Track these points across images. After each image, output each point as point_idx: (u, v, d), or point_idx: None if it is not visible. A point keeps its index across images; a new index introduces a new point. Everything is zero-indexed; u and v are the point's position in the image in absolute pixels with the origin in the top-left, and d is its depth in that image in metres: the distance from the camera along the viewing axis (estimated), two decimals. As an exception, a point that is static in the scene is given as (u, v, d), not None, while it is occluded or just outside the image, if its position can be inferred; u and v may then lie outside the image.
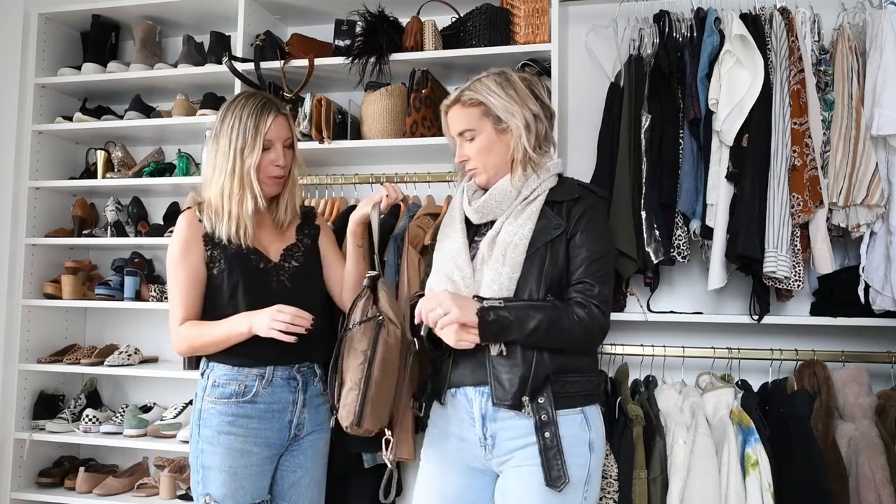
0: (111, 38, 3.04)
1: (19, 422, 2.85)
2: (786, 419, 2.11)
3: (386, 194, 1.89)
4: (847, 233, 2.23)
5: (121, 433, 2.76)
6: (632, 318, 2.39)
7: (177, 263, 1.85)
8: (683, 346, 2.33)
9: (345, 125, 2.62)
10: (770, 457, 2.02)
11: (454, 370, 1.71)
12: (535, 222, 1.68)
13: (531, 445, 1.60)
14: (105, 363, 2.81)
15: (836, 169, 2.17)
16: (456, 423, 1.72)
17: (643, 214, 2.28)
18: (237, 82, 2.66)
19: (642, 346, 2.36)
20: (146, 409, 2.86)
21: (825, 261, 2.17)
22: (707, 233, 2.26)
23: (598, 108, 2.43)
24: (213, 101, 2.78)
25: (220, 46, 2.84)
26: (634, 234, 2.24)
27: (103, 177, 2.93)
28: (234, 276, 1.84)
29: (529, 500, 1.60)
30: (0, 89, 2.99)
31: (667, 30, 2.34)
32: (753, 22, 2.25)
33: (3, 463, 2.84)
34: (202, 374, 1.89)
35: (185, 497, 2.65)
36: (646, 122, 2.32)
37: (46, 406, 2.92)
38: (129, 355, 2.85)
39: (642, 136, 2.31)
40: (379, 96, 2.56)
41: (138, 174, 2.91)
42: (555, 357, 1.63)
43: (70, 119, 2.96)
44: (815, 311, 2.35)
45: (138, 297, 2.83)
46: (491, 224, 1.74)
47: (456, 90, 1.78)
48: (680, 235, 2.28)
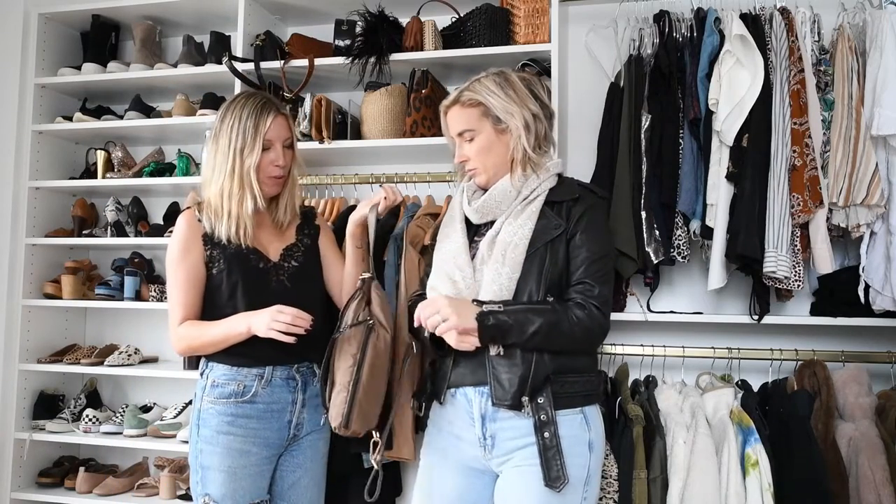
0: (111, 38, 3.04)
1: (19, 422, 2.86)
2: (786, 419, 2.11)
3: (384, 196, 1.89)
4: (847, 233, 2.23)
5: (121, 433, 2.76)
6: (632, 318, 2.39)
7: (176, 263, 1.85)
8: (683, 346, 2.33)
9: (345, 125, 2.62)
10: (770, 457, 2.02)
11: (454, 370, 1.71)
12: (534, 222, 1.67)
13: (531, 445, 1.60)
14: (105, 363, 2.81)
15: (836, 169, 2.17)
16: (455, 423, 1.72)
17: (643, 214, 2.28)
18: (237, 82, 2.66)
19: (642, 346, 2.36)
20: (146, 409, 2.86)
21: (825, 261, 2.16)
22: (707, 233, 2.26)
23: (598, 108, 2.43)
24: (213, 101, 2.78)
25: (220, 46, 2.83)
26: (634, 234, 2.24)
27: (103, 177, 2.93)
28: (233, 275, 1.84)
29: (529, 501, 1.60)
30: (0, 89, 2.99)
31: (667, 30, 2.34)
32: (753, 22, 2.25)
33: (3, 463, 2.84)
34: (201, 374, 1.89)
35: (185, 497, 2.64)
36: (646, 122, 2.32)
37: (46, 406, 2.92)
38: (129, 355, 2.85)
39: (642, 136, 2.31)
40: (379, 96, 2.55)
41: (138, 174, 2.92)
42: (555, 357, 1.62)
43: (70, 119, 2.96)
44: (815, 311, 2.35)
45: (138, 297, 2.83)
46: (491, 224, 1.74)
47: (455, 90, 1.78)
48: (680, 235, 2.28)
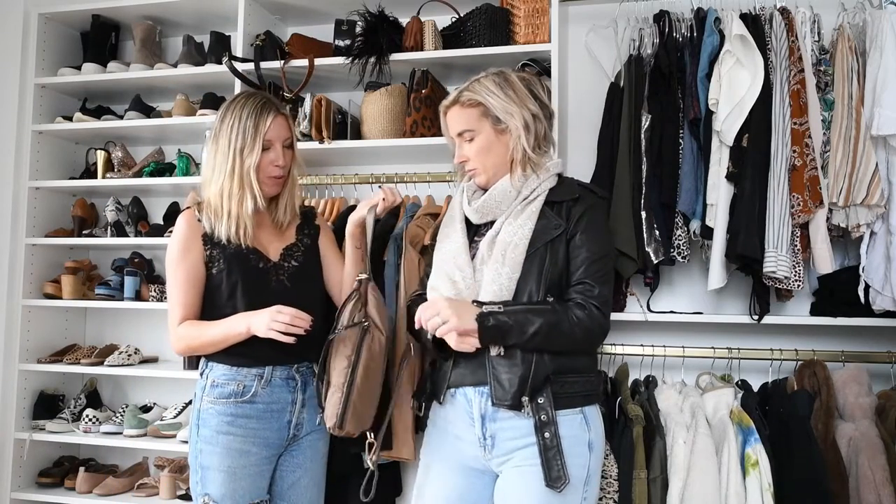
0: (111, 38, 3.04)
1: (19, 422, 2.85)
2: (786, 419, 2.11)
3: (382, 198, 1.89)
4: (847, 233, 2.23)
5: (121, 433, 2.76)
6: (632, 318, 2.39)
7: (176, 263, 1.85)
8: (683, 346, 2.33)
9: (345, 125, 2.62)
10: (770, 457, 2.02)
11: (453, 370, 1.71)
12: (534, 222, 1.67)
13: (531, 446, 1.60)
14: (105, 363, 2.81)
15: (836, 169, 2.17)
16: (455, 423, 1.72)
17: (643, 214, 2.28)
18: (237, 82, 2.66)
19: (642, 346, 2.36)
20: (146, 409, 2.86)
21: (825, 261, 2.16)
22: (707, 233, 2.26)
23: (598, 108, 2.43)
24: (213, 101, 2.78)
25: (220, 46, 2.83)
26: (634, 234, 2.24)
27: (103, 177, 2.93)
28: (233, 275, 1.84)
29: (529, 501, 1.60)
30: (0, 89, 2.99)
31: (667, 30, 2.34)
32: (753, 22, 2.25)
33: (3, 463, 2.84)
34: (201, 374, 1.88)
35: (185, 497, 2.64)
36: (646, 122, 2.32)
37: (46, 406, 2.92)
38: (129, 355, 2.85)
39: (642, 136, 2.31)
40: (379, 96, 2.55)
41: (138, 174, 2.91)
42: (555, 357, 1.63)
43: (70, 119, 2.96)
44: (815, 311, 2.35)
45: (138, 297, 2.83)
46: (491, 224, 1.74)
47: (455, 91, 1.78)
48: (680, 235, 2.28)
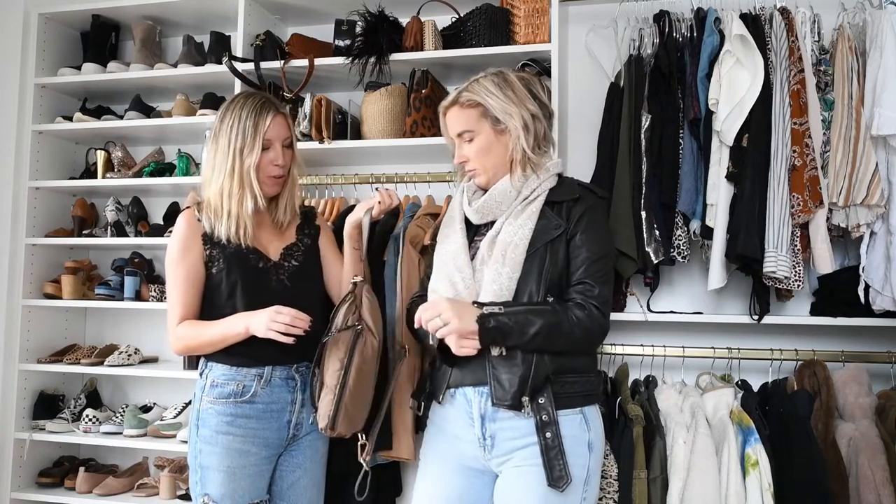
0: (111, 38, 3.04)
1: (19, 422, 2.85)
2: (786, 419, 2.11)
3: (378, 200, 1.88)
4: (847, 233, 2.23)
5: (121, 433, 2.76)
6: (632, 318, 2.39)
7: (175, 262, 1.85)
8: (683, 346, 2.33)
9: (345, 125, 2.62)
10: (770, 457, 2.02)
11: (453, 370, 1.70)
12: (535, 222, 1.67)
13: (531, 446, 1.60)
14: (105, 363, 2.81)
15: (836, 169, 2.17)
16: (455, 422, 1.72)
17: (643, 214, 2.28)
18: (237, 82, 2.66)
19: (642, 346, 2.36)
20: (146, 409, 2.86)
21: (825, 261, 2.16)
22: (707, 233, 2.26)
23: (598, 108, 2.43)
24: (213, 101, 2.78)
25: (220, 46, 2.83)
26: (634, 234, 2.24)
27: (103, 177, 2.93)
28: (232, 275, 1.84)
29: (529, 501, 1.60)
30: (0, 89, 2.99)
31: (667, 30, 2.34)
32: (753, 22, 2.25)
33: (3, 463, 2.84)
34: (201, 374, 1.88)
35: (185, 497, 2.64)
36: (646, 122, 2.32)
37: (46, 406, 2.92)
38: (129, 355, 2.85)
39: (642, 136, 2.31)
40: (379, 96, 2.55)
41: (138, 174, 2.91)
42: (555, 357, 1.63)
43: (70, 119, 2.96)
44: (815, 311, 2.35)
45: (138, 297, 2.83)
46: (491, 224, 1.74)
47: (454, 91, 1.78)
48: (680, 235, 2.28)
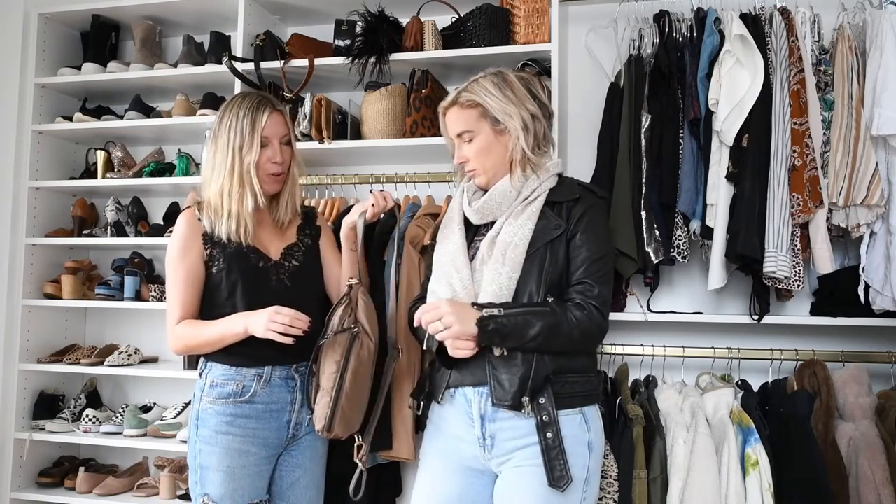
0: (111, 38, 3.04)
1: (19, 422, 2.85)
2: (786, 419, 2.11)
3: (372, 203, 1.88)
4: (847, 233, 2.23)
5: (121, 433, 2.76)
6: (632, 318, 2.39)
7: (175, 262, 1.85)
8: (683, 346, 2.33)
9: (345, 125, 2.62)
10: (770, 457, 2.02)
11: (453, 370, 1.70)
12: (535, 222, 1.67)
13: (531, 446, 1.60)
14: (105, 363, 2.81)
15: (836, 169, 2.17)
16: (454, 423, 1.71)
17: (643, 214, 2.28)
18: (237, 82, 2.66)
19: (642, 346, 2.36)
20: (146, 409, 2.86)
21: (825, 261, 2.16)
22: (707, 233, 2.26)
23: (598, 108, 2.43)
24: (213, 101, 2.78)
25: (220, 46, 2.83)
26: (634, 234, 2.24)
27: (103, 177, 2.93)
28: (232, 274, 1.84)
29: (529, 501, 1.60)
30: (0, 89, 2.99)
31: (667, 30, 2.34)
32: (753, 22, 2.25)
33: (3, 463, 2.84)
34: (200, 374, 1.89)
35: (185, 497, 2.64)
36: (646, 122, 2.32)
37: (46, 406, 2.92)
38: (129, 355, 2.85)
39: (642, 136, 2.31)
40: (379, 96, 2.55)
41: (138, 174, 2.91)
42: (554, 358, 1.63)
43: (70, 119, 2.96)
44: (815, 311, 2.35)
45: (138, 297, 2.83)
46: (491, 225, 1.74)
47: (454, 91, 1.78)
48: (680, 235, 2.28)
